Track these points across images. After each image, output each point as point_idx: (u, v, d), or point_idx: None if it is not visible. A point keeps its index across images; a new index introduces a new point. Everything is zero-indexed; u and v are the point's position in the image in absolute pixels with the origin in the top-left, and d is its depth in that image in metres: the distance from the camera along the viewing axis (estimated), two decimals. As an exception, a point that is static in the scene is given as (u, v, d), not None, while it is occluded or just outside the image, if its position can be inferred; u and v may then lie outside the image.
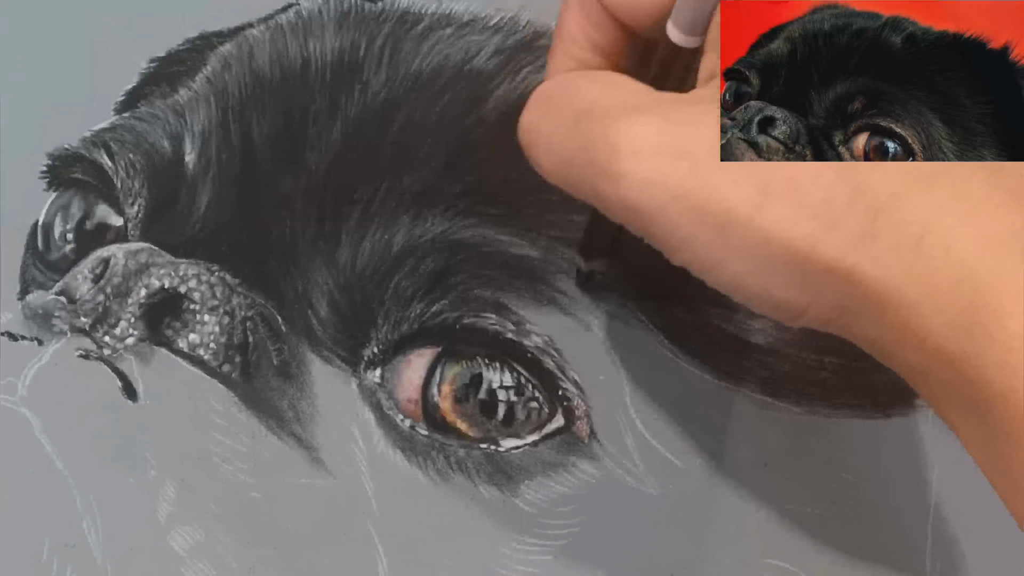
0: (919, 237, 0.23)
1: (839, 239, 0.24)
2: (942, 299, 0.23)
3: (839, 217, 0.24)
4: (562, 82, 0.28)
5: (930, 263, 0.23)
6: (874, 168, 0.24)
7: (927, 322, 0.23)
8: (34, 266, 0.40)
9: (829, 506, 0.36)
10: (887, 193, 0.24)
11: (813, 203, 0.24)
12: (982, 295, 0.23)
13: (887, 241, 0.24)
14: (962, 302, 0.23)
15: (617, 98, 0.26)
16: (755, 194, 0.24)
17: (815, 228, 0.24)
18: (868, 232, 0.24)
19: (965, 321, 0.23)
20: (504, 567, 0.35)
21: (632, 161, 0.25)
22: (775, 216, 0.24)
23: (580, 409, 0.36)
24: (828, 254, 0.24)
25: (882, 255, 0.24)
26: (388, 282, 0.36)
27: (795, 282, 0.25)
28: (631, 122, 0.25)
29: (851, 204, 0.24)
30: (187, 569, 0.35)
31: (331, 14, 0.40)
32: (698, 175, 0.24)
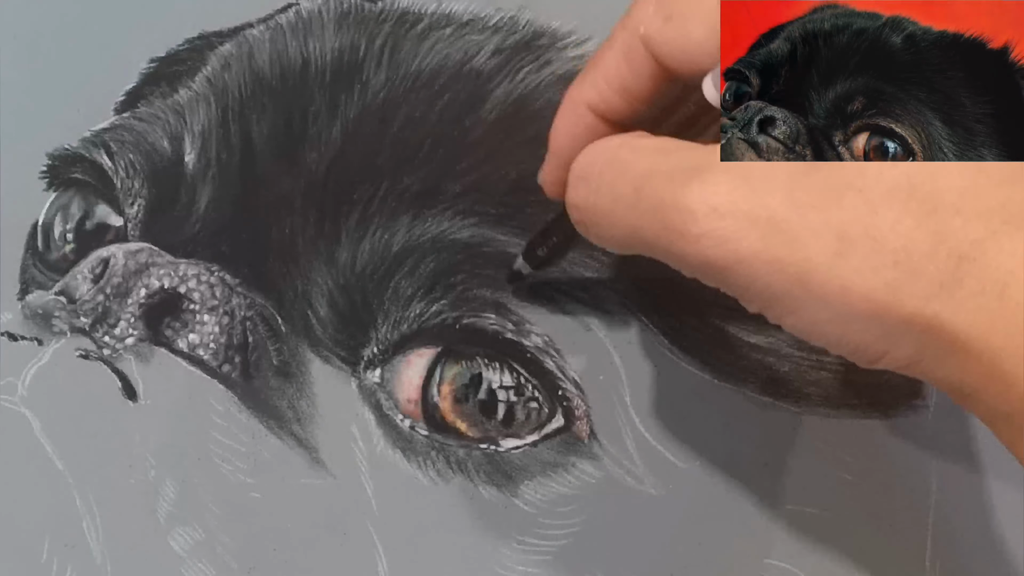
0: (1004, 284, 0.23)
1: (920, 288, 0.24)
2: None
3: (920, 265, 0.24)
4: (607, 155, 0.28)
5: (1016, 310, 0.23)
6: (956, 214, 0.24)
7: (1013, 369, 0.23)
8: (34, 266, 0.40)
9: (829, 506, 0.36)
10: (969, 240, 0.24)
11: (893, 251, 0.24)
12: None
13: (970, 289, 0.23)
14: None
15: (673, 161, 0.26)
16: (834, 242, 0.24)
17: (896, 277, 0.24)
18: (951, 280, 0.24)
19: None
20: (504, 567, 0.35)
21: (710, 221, 0.25)
22: (855, 265, 0.24)
23: (580, 409, 0.36)
24: (909, 303, 0.24)
25: (965, 303, 0.23)
26: (388, 282, 0.36)
27: (874, 329, 0.25)
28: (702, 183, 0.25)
29: (933, 252, 0.24)
30: (187, 569, 0.35)
31: (331, 14, 0.40)
32: (776, 228, 0.24)
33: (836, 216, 0.24)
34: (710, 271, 0.26)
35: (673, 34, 0.28)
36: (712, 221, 0.25)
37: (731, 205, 0.25)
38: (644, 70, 0.29)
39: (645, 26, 0.28)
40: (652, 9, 0.28)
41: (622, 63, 0.29)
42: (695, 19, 0.28)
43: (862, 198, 0.24)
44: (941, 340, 0.24)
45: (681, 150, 0.27)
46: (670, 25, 0.28)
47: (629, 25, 0.29)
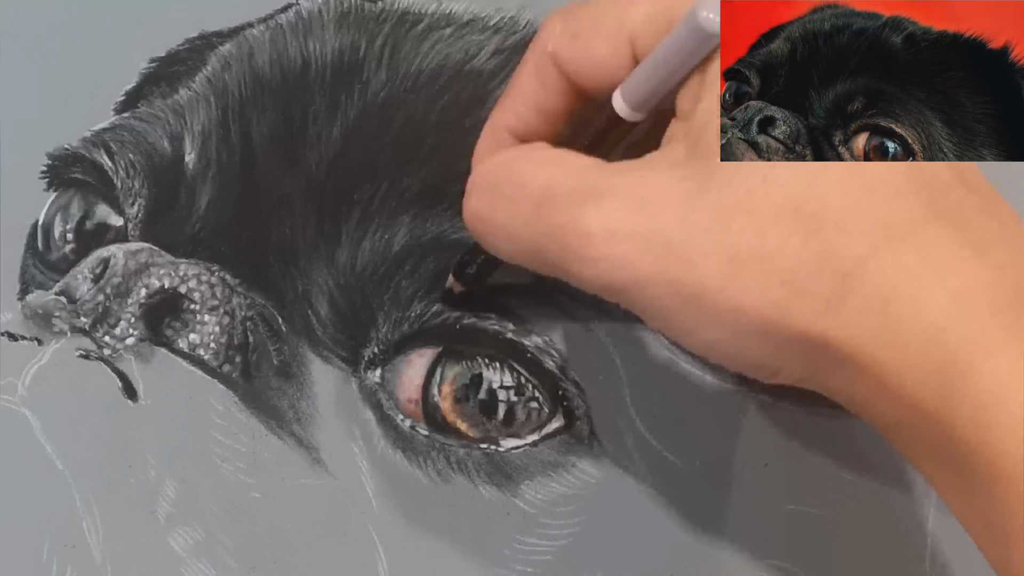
0: (887, 300, 0.24)
1: (808, 305, 0.24)
2: (913, 359, 0.24)
3: (806, 284, 0.24)
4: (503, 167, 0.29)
5: (900, 324, 0.24)
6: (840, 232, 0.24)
7: (900, 381, 0.24)
8: (34, 266, 0.40)
9: (829, 506, 0.36)
10: (853, 257, 0.24)
11: (780, 271, 0.24)
12: (952, 354, 0.23)
13: (855, 304, 0.24)
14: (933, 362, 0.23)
15: (572, 180, 0.27)
16: (725, 264, 0.25)
17: (783, 296, 0.24)
18: (836, 296, 0.24)
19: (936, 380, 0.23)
20: (504, 567, 0.35)
21: (607, 245, 0.25)
22: (745, 286, 0.25)
23: (580, 409, 0.36)
24: (798, 320, 0.24)
25: (851, 319, 0.24)
26: (388, 282, 0.36)
27: (767, 347, 0.25)
28: (599, 207, 0.26)
29: (818, 270, 0.24)
30: (187, 569, 0.35)
31: (331, 14, 0.40)
32: (672, 250, 0.25)
33: (727, 238, 0.25)
34: (609, 292, 0.26)
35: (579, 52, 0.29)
36: (610, 245, 0.25)
37: (628, 229, 0.25)
38: (556, 88, 0.30)
39: (553, 44, 0.29)
40: (559, 28, 0.29)
41: (535, 83, 0.30)
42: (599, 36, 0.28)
43: (751, 220, 0.25)
44: (830, 355, 0.25)
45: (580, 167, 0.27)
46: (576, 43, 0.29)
47: (539, 45, 0.30)
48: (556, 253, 0.27)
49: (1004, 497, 0.23)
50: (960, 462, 0.24)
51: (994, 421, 0.23)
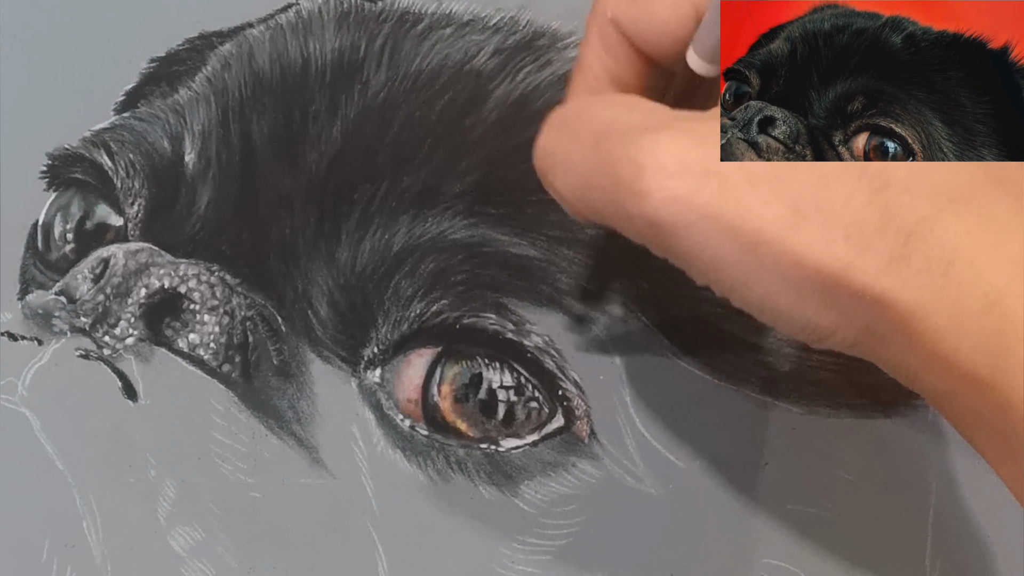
0: (948, 263, 0.23)
1: (871, 263, 0.24)
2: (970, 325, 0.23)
3: (871, 240, 0.24)
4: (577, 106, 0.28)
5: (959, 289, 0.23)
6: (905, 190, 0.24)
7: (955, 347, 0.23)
8: (34, 266, 0.40)
9: (829, 506, 0.36)
10: (917, 217, 0.24)
11: (845, 225, 0.24)
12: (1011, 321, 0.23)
13: (917, 266, 0.23)
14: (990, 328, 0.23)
15: (637, 118, 0.26)
16: (786, 214, 0.24)
17: (847, 251, 0.24)
18: (900, 256, 0.24)
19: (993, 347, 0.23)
20: (504, 567, 0.35)
21: (658, 178, 0.24)
22: (807, 238, 0.24)
23: (580, 409, 0.36)
24: (860, 278, 0.24)
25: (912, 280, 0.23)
26: (388, 282, 0.36)
27: (824, 304, 0.25)
28: (656, 140, 0.25)
29: (883, 228, 0.24)
30: (187, 569, 0.35)
31: (331, 14, 0.40)
32: (727, 193, 0.24)
33: (790, 188, 0.24)
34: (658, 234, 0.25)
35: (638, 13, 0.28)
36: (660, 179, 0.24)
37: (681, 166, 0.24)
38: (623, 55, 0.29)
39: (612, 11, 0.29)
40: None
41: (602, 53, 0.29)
42: None
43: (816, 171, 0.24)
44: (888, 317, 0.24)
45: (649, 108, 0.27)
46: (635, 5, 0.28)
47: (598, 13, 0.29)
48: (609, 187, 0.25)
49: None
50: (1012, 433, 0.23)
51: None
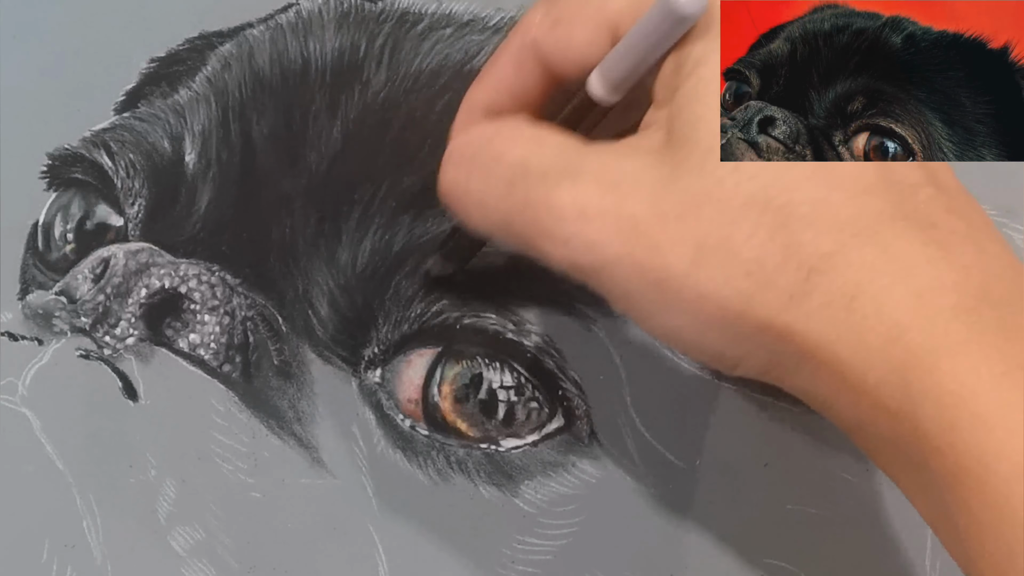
0: (851, 297, 0.24)
1: (772, 298, 0.24)
2: (875, 357, 0.24)
3: (772, 276, 0.24)
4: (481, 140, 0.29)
5: (863, 322, 0.24)
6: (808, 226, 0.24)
7: (861, 379, 0.24)
8: (34, 266, 0.40)
9: (829, 506, 0.36)
10: (819, 253, 0.24)
11: (746, 261, 0.24)
12: (915, 354, 0.23)
13: (819, 300, 0.24)
14: (895, 360, 0.23)
15: (548, 158, 0.27)
16: (692, 251, 0.25)
17: (748, 286, 0.24)
18: (801, 291, 0.24)
19: (899, 379, 0.23)
20: (504, 567, 0.35)
21: (577, 225, 0.26)
22: (709, 274, 0.25)
23: (580, 409, 0.36)
24: (761, 312, 0.24)
25: (814, 314, 0.24)
26: (388, 282, 0.36)
27: (728, 337, 0.25)
28: (573, 187, 0.26)
29: (784, 263, 0.24)
30: (187, 569, 0.35)
31: (331, 14, 0.40)
32: (640, 234, 0.25)
33: (695, 226, 0.25)
34: (576, 272, 0.27)
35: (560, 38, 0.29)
36: (580, 225, 0.26)
37: (599, 211, 0.25)
38: (533, 75, 0.30)
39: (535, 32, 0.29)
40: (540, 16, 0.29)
41: (512, 69, 0.30)
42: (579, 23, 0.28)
43: (720, 209, 0.25)
44: (792, 349, 0.25)
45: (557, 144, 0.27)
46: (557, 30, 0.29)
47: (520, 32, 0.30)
48: (527, 229, 0.27)
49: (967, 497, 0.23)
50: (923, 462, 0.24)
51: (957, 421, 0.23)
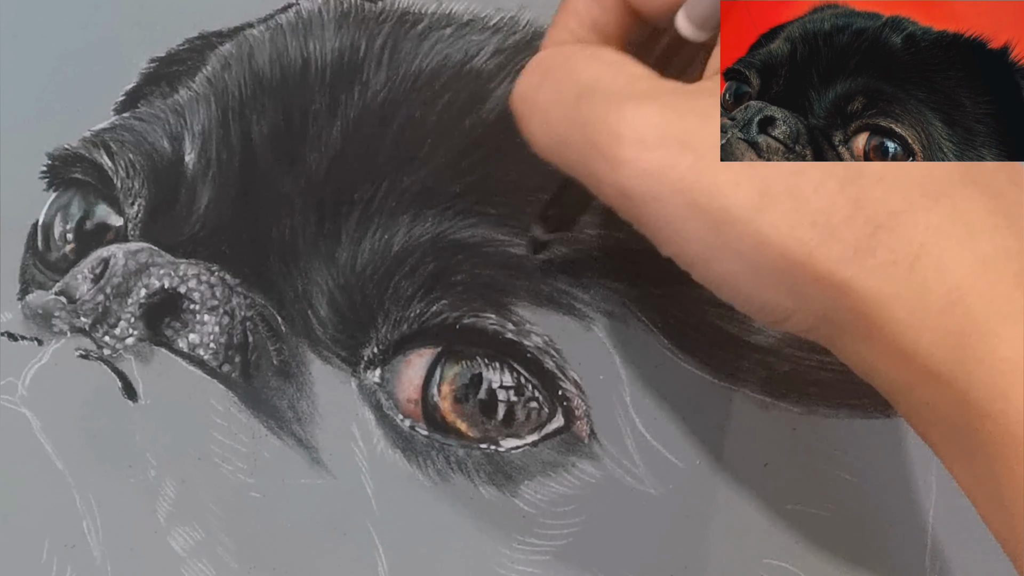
0: (915, 256, 0.23)
1: (836, 250, 0.24)
2: (933, 319, 0.23)
3: (838, 229, 0.24)
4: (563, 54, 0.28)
5: (924, 283, 0.23)
6: (878, 182, 0.24)
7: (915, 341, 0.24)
8: (34, 266, 0.40)
9: (829, 506, 0.36)
10: (887, 210, 0.24)
11: (813, 211, 0.24)
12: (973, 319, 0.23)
13: (883, 258, 0.24)
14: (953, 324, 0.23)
15: (621, 81, 0.26)
16: (755, 196, 0.24)
17: (812, 237, 0.24)
18: (865, 247, 0.24)
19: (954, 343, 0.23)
20: (504, 567, 0.35)
21: (635, 149, 0.24)
22: (773, 220, 0.24)
23: (580, 409, 0.36)
24: (823, 264, 0.24)
25: (876, 271, 0.24)
26: (388, 282, 0.36)
27: (784, 287, 0.25)
28: (636, 109, 0.25)
29: (851, 217, 0.24)
30: (187, 569, 0.35)
31: (331, 14, 0.40)
32: (700, 170, 0.24)
33: (761, 171, 0.24)
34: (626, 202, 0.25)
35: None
36: (637, 150, 0.24)
37: (659, 138, 0.24)
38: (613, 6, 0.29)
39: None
40: None
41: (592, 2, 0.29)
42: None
43: None
44: (848, 305, 0.24)
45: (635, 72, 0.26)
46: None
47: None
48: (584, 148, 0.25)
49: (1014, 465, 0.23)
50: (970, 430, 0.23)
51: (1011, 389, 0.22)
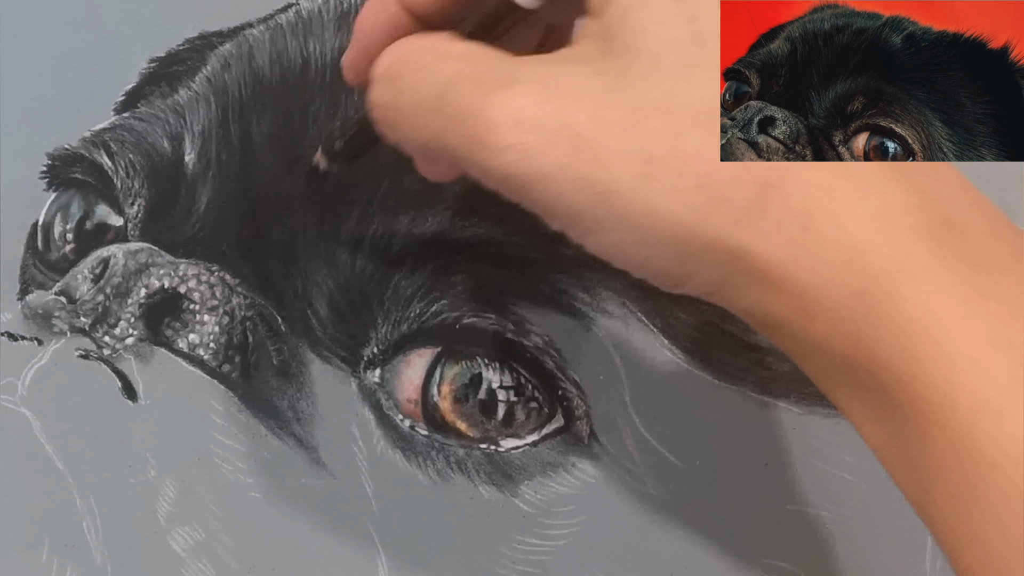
0: (806, 214, 0.23)
1: (725, 213, 0.23)
2: (834, 279, 0.23)
3: (725, 192, 0.23)
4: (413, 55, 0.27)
5: (820, 242, 0.23)
6: None
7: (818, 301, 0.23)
8: (34, 266, 0.40)
9: (829, 506, 0.36)
10: (775, 168, 0.23)
11: (698, 175, 0.23)
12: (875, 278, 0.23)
13: (774, 218, 0.23)
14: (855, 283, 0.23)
15: (480, 69, 0.26)
16: (639, 164, 0.24)
17: (700, 201, 0.23)
18: (755, 207, 0.23)
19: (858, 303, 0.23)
20: (504, 567, 0.35)
21: (513, 134, 0.24)
22: (659, 188, 0.23)
23: (580, 409, 0.36)
24: (713, 229, 0.23)
25: (770, 232, 0.23)
26: (388, 282, 0.36)
27: (677, 254, 0.24)
28: (508, 94, 0.24)
29: (738, 178, 0.23)
30: (187, 569, 0.35)
31: (331, 14, 0.40)
32: (582, 145, 0.24)
33: (642, 137, 0.24)
34: (512, 185, 0.25)
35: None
36: (516, 134, 0.24)
37: (537, 120, 0.24)
38: None
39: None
40: None
41: None
42: None
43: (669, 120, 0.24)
44: (744, 268, 0.24)
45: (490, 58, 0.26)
46: None
47: None
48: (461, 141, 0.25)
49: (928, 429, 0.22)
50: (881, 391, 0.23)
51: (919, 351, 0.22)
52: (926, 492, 0.23)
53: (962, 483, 0.22)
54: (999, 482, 0.21)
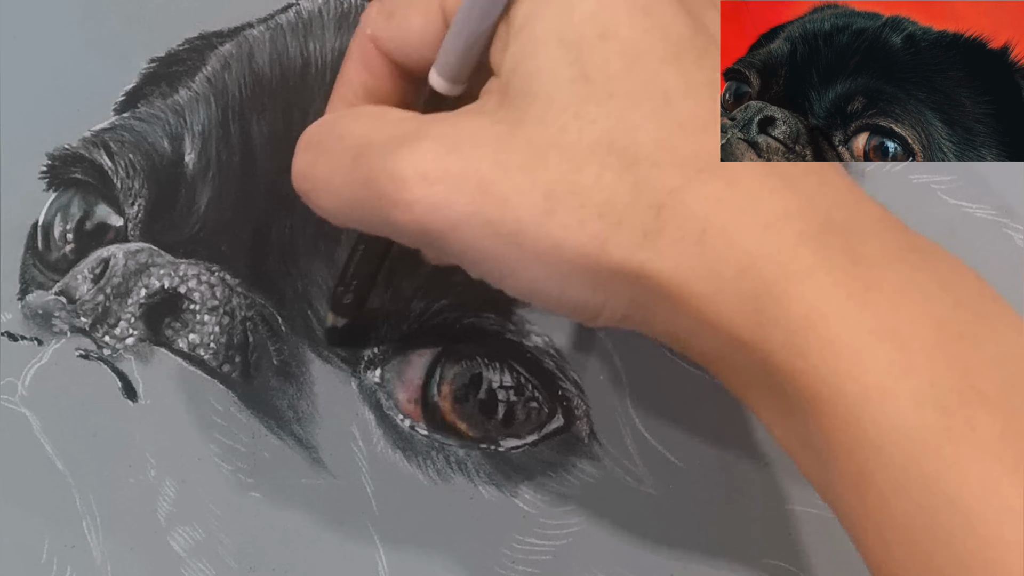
0: (701, 230, 0.24)
1: (626, 237, 0.24)
2: (728, 289, 0.24)
3: (624, 216, 0.24)
4: (326, 125, 0.29)
5: (714, 255, 0.24)
6: (653, 165, 0.24)
7: (717, 311, 0.24)
8: (34, 266, 0.40)
9: (829, 506, 0.36)
10: (667, 189, 0.24)
11: (597, 204, 0.24)
12: (764, 282, 0.24)
13: (672, 236, 0.24)
14: (748, 289, 0.24)
15: (388, 129, 0.27)
16: (541, 201, 0.25)
17: (601, 228, 0.24)
18: (653, 228, 0.24)
19: (751, 308, 0.24)
20: (504, 567, 0.35)
21: (420, 187, 0.25)
22: (562, 221, 0.25)
23: (580, 409, 0.36)
24: (616, 253, 0.25)
25: (668, 250, 0.24)
26: (388, 282, 0.36)
27: (588, 284, 0.25)
28: (412, 150, 0.26)
29: (634, 202, 0.24)
30: (187, 569, 0.35)
31: (331, 14, 0.40)
32: (484, 190, 0.25)
33: (542, 175, 0.25)
34: (427, 239, 0.26)
35: (395, 30, 0.29)
36: (423, 188, 0.25)
37: (440, 171, 0.25)
38: (381, 71, 0.30)
39: (372, 27, 0.30)
40: (375, 10, 0.30)
41: (361, 69, 0.30)
42: (413, 12, 0.29)
43: (565, 155, 0.25)
44: (650, 288, 0.25)
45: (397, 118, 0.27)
46: (392, 22, 0.29)
47: (359, 30, 0.30)
48: (374, 202, 0.26)
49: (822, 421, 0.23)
50: (779, 389, 0.24)
51: (806, 347, 0.23)
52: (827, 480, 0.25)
53: (854, 468, 0.23)
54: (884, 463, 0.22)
